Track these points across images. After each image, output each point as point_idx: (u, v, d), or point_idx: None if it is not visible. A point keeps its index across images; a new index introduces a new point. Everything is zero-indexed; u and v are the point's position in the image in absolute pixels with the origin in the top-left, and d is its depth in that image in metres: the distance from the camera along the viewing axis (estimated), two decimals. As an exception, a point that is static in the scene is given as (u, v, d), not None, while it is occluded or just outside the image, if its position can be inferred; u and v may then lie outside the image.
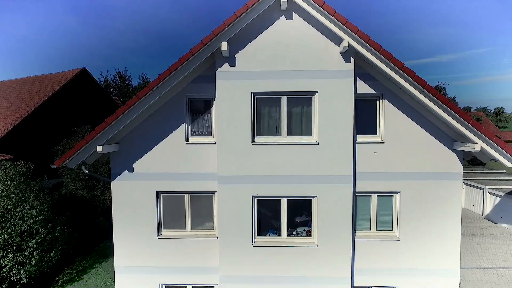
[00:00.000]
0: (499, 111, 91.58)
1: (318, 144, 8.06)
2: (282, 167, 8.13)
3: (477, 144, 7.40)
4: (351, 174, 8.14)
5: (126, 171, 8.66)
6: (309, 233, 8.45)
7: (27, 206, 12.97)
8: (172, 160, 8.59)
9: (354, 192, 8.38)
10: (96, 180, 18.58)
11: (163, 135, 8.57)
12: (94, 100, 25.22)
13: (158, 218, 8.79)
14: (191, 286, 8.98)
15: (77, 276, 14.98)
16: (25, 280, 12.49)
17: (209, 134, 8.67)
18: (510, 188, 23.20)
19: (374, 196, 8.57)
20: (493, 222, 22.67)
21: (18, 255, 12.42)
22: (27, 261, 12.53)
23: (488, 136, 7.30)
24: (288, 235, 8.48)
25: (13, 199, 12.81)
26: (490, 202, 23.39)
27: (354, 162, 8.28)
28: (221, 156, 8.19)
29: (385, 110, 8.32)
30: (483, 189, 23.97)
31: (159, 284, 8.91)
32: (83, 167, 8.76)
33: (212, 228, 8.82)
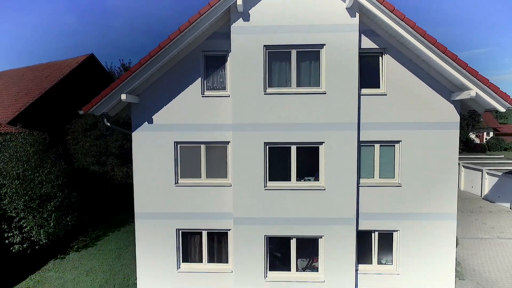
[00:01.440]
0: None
1: (325, 93, 8.70)
2: (292, 115, 8.77)
3: (473, 90, 8.02)
4: (356, 122, 8.77)
5: (146, 122, 9.29)
6: (316, 179, 9.08)
7: (46, 171, 13.61)
8: (189, 112, 9.22)
9: (358, 141, 9.00)
10: (107, 156, 19.21)
11: (180, 89, 9.21)
12: (102, 85, 25.82)
13: (176, 167, 9.42)
14: (205, 232, 9.61)
15: (91, 243, 15.64)
16: (43, 241, 13.12)
17: (223, 88, 9.30)
18: (508, 169, 23.83)
19: (377, 146, 9.20)
20: (491, 201, 23.28)
21: (37, 217, 13.05)
22: (46, 223, 13.17)
23: (483, 82, 7.93)
24: (298, 181, 9.11)
25: (32, 164, 13.44)
26: (489, 183, 24.02)
27: (359, 112, 8.91)
28: (235, 106, 8.83)
29: (387, 64, 8.96)
30: (481, 170, 24.58)
31: (176, 229, 9.53)
32: (105, 120, 9.38)
33: (226, 176, 9.44)
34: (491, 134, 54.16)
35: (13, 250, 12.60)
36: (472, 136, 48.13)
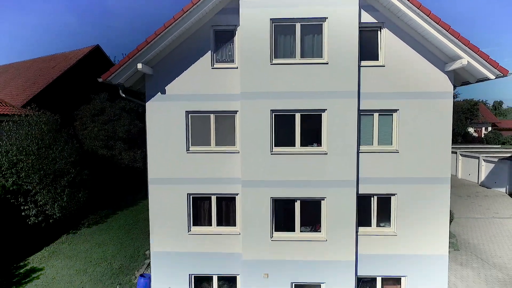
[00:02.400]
0: (498, 105, 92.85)
1: (327, 63, 9.31)
2: (297, 83, 9.38)
3: (464, 59, 8.64)
4: (356, 90, 9.38)
5: (159, 93, 9.90)
6: (319, 144, 9.68)
7: (59, 148, 14.22)
8: (199, 83, 9.83)
9: (358, 109, 9.61)
10: (115, 140, 19.80)
11: (191, 61, 9.82)
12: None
13: (187, 135, 10.02)
14: (215, 196, 10.21)
15: (101, 220, 16.28)
16: (57, 215, 13.73)
17: (232, 61, 9.92)
18: (504, 156, 24.45)
19: (376, 115, 9.81)
20: (487, 187, 23.91)
21: (52, 191, 13.65)
22: (59, 198, 13.78)
23: (473, 50, 8.55)
24: (302, 146, 9.70)
25: (46, 142, 14.05)
26: (485, 169, 24.66)
27: (359, 83, 9.52)
28: (243, 76, 9.43)
29: (386, 38, 9.57)
30: (478, 157, 25.20)
31: (187, 194, 10.12)
32: (120, 91, 9.97)
33: (234, 144, 10.04)
34: (489, 129, 54.76)
35: (29, 222, 13.20)
36: (471, 130, 48.80)
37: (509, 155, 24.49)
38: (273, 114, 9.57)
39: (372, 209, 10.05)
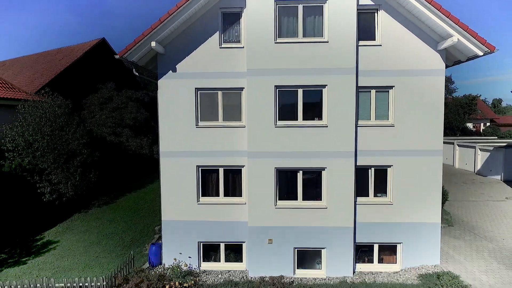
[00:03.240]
0: (497, 102, 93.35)
1: (328, 42, 10.00)
2: (299, 61, 10.06)
3: (455, 36, 9.33)
4: (355, 67, 10.05)
5: (171, 71, 10.59)
6: (320, 118, 10.36)
7: (72, 130, 14.92)
8: (208, 61, 10.52)
9: (357, 86, 10.29)
10: (122, 127, 20.49)
11: (200, 41, 10.50)
12: (113, 68, 26.97)
13: (196, 111, 10.70)
14: (222, 169, 10.89)
15: (110, 201, 16.95)
16: (70, 193, 14.42)
17: (238, 41, 10.61)
18: (499, 145, 25.07)
19: (373, 91, 10.49)
20: (484, 176, 24.53)
21: (65, 170, 14.34)
22: (72, 177, 14.48)
23: (463, 28, 9.23)
24: (304, 119, 10.38)
25: (60, 124, 14.74)
26: (481, 158, 25.28)
27: (357, 61, 10.20)
28: (249, 54, 10.12)
29: (382, 19, 10.25)
30: (474, 147, 25.81)
31: (196, 166, 10.80)
32: (134, 70, 10.68)
33: (240, 119, 10.72)
34: (488, 125, 55.35)
35: (44, 200, 13.89)
36: (470, 125, 49.48)
37: (504, 144, 25.12)
38: (277, 89, 10.25)
39: (370, 180, 10.72)
